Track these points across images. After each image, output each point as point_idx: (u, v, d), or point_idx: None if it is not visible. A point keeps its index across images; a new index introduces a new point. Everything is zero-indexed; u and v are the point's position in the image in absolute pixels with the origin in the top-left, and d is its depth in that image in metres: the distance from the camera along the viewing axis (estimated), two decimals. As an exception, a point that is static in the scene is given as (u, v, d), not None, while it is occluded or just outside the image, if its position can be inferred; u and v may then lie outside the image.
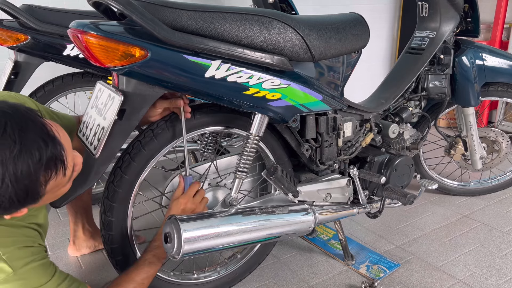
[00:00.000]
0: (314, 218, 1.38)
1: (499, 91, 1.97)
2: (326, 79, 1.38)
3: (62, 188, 0.93)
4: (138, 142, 1.20)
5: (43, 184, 0.84)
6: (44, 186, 0.85)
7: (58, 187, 0.91)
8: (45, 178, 0.84)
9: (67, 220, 2.04)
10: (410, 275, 1.61)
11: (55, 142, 0.85)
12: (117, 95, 1.04)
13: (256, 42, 1.13)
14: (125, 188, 1.19)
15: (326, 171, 1.54)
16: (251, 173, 1.50)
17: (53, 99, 1.92)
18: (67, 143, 0.90)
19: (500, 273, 1.61)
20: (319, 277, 1.62)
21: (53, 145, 0.84)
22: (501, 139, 2.06)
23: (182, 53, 1.03)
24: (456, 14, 1.81)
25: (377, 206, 1.57)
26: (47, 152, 0.83)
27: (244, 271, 1.54)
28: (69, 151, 0.90)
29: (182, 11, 1.04)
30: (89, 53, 0.98)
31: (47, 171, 0.84)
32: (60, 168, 0.87)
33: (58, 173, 0.86)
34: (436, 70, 1.83)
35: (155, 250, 1.19)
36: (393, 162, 1.56)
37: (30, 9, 1.71)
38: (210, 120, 1.28)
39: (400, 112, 1.76)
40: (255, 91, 1.17)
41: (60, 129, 0.90)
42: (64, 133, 0.90)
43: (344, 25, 1.35)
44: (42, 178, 0.84)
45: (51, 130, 0.86)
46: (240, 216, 1.23)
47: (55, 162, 0.85)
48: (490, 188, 2.23)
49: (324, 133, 1.44)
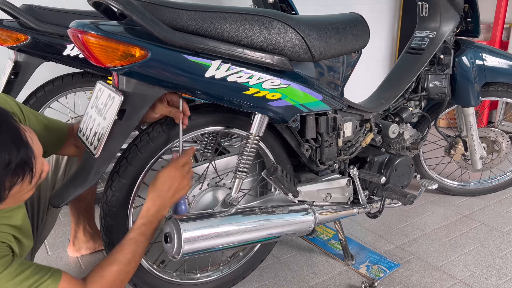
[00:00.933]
0: (314, 218, 1.38)
1: (499, 91, 1.97)
2: (326, 79, 1.38)
3: (24, 195, 0.90)
4: (134, 146, 1.19)
5: (7, 189, 0.81)
6: (8, 191, 0.82)
7: (21, 193, 0.88)
8: (10, 183, 0.81)
9: (67, 220, 2.04)
10: (410, 275, 1.61)
11: (26, 148, 0.82)
12: (117, 95, 1.04)
13: (256, 42, 1.13)
14: (124, 192, 1.19)
15: (326, 171, 1.54)
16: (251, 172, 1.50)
17: (53, 99, 1.92)
18: (38, 150, 0.87)
19: (500, 273, 1.61)
20: (319, 277, 1.62)
21: (24, 150, 0.82)
22: (501, 139, 2.06)
23: (182, 53, 1.03)
24: (456, 14, 1.81)
25: (377, 206, 1.57)
26: (17, 157, 0.80)
27: (247, 269, 1.54)
28: (38, 158, 0.87)
29: (182, 11, 1.03)
30: (89, 53, 0.97)
31: (13, 177, 0.81)
32: (28, 175, 0.84)
33: (24, 180, 0.83)
34: (436, 70, 1.83)
35: (140, 228, 1.12)
36: (393, 162, 1.56)
37: (30, 9, 1.71)
38: (210, 120, 1.28)
39: (400, 112, 1.76)
40: (255, 91, 1.17)
41: (33, 136, 0.87)
42: (36, 140, 0.88)
43: (344, 25, 1.35)
44: (7, 183, 0.81)
45: (24, 136, 0.83)
46: (240, 216, 1.24)
47: (24, 168, 0.82)
48: (490, 188, 2.23)
49: (324, 133, 1.44)
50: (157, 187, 1.15)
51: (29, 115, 1.13)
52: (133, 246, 1.09)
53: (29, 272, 0.91)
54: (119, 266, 1.05)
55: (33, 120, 1.14)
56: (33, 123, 1.13)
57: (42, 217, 1.36)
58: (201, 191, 1.36)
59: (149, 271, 1.32)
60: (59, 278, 0.95)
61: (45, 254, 1.78)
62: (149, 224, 1.13)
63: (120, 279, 1.05)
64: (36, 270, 0.93)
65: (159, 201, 1.14)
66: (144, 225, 1.12)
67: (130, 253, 1.08)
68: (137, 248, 1.09)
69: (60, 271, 0.97)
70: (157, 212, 1.14)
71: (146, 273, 1.32)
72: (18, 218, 1.04)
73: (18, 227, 1.03)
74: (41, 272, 0.93)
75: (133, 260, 1.08)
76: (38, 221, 1.36)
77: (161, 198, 1.14)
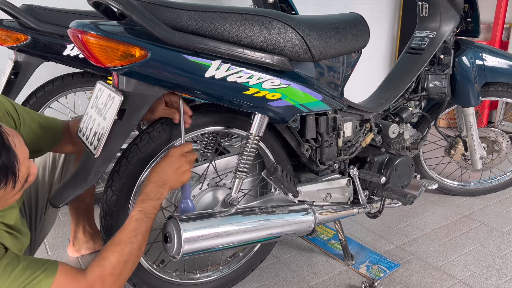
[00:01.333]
0: (314, 218, 1.38)
1: (499, 91, 1.97)
2: (326, 79, 1.38)
3: (10, 199, 0.88)
4: (135, 145, 1.19)
5: None
6: None
7: (6, 198, 0.86)
8: None
9: (67, 220, 2.04)
10: (410, 275, 1.61)
11: (9, 152, 0.80)
12: (117, 95, 1.04)
13: (256, 42, 1.13)
14: (124, 192, 1.19)
15: (326, 171, 1.54)
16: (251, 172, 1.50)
17: (53, 99, 1.92)
18: (22, 154, 0.85)
19: (500, 273, 1.61)
20: (319, 277, 1.62)
21: (6, 155, 0.79)
22: (501, 139, 2.06)
23: (182, 53, 1.03)
24: (456, 14, 1.81)
25: (377, 206, 1.57)
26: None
27: (247, 269, 1.54)
28: (23, 162, 0.85)
29: (182, 11, 1.03)
30: (89, 53, 0.97)
31: None
32: (10, 180, 0.82)
33: (7, 185, 0.81)
34: (436, 70, 1.83)
35: (140, 205, 1.06)
36: (393, 162, 1.56)
37: (30, 9, 1.71)
38: (210, 120, 1.28)
39: (400, 112, 1.76)
40: (255, 91, 1.17)
41: (18, 139, 0.85)
42: (22, 144, 0.85)
43: (344, 25, 1.35)
44: None
45: (7, 139, 0.81)
46: (240, 216, 1.24)
47: (6, 173, 0.80)
48: (490, 188, 2.23)
49: (324, 133, 1.44)
50: (157, 165, 1.12)
51: (23, 114, 1.12)
52: (134, 224, 1.03)
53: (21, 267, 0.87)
54: (120, 245, 0.99)
55: (27, 119, 1.13)
56: (27, 122, 1.13)
57: (40, 217, 1.36)
58: (201, 191, 1.36)
59: (149, 271, 1.32)
60: (54, 272, 0.90)
61: (45, 254, 1.78)
62: (147, 200, 1.07)
63: (123, 260, 0.99)
64: (28, 266, 0.88)
65: (156, 177, 1.10)
66: (142, 201, 1.07)
67: (132, 231, 1.02)
68: (138, 226, 1.03)
69: (56, 263, 0.92)
70: (155, 188, 1.09)
71: (145, 273, 1.31)
72: (11, 217, 1.02)
73: (12, 226, 1.02)
74: (35, 267, 0.89)
75: (135, 239, 1.02)
76: (36, 221, 1.36)
77: (159, 174, 1.10)
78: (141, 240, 1.04)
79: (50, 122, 1.22)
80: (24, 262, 0.89)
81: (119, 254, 0.99)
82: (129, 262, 1.01)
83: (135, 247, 1.02)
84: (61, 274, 0.90)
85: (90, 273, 0.95)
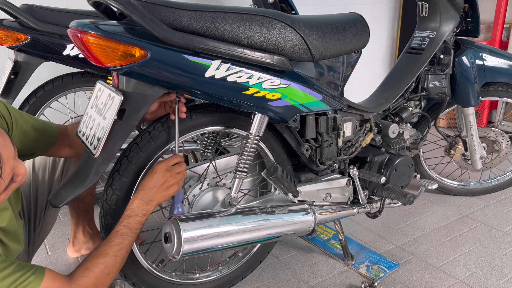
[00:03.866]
0: (314, 218, 1.39)
1: (499, 91, 1.97)
2: (326, 79, 1.38)
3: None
4: (135, 144, 1.19)
5: None
6: None
7: None
8: None
9: (67, 220, 2.04)
10: (410, 275, 1.61)
11: None
12: (117, 95, 1.04)
13: (256, 42, 1.13)
14: (124, 191, 1.19)
15: (326, 171, 1.54)
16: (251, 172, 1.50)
17: (53, 99, 1.92)
18: (6, 152, 0.83)
19: (500, 273, 1.61)
20: (319, 277, 1.62)
21: None
22: (501, 139, 2.06)
23: (182, 53, 1.03)
24: (456, 14, 1.81)
25: (377, 206, 1.57)
26: None
27: (246, 270, 1.54)
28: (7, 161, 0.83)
29: (182, 11, 1.03)
30: (89, 53, 0.97)
31: None
32: None
33: None
34: (436, 70, 1.83)
35: (126, 220, 1.11)
36: (393, 162, 1.56)
37: (30, 9, 1.71)
38: (210, 120, 1.28)
39: (400, 112, 1.76)
40: (255, 91, 1.17)
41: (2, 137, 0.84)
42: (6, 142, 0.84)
43: (344, 25, 1.35)
44: None
45: None
46: (240, 216, 1.24)
47: None
48: (490, 188, 2.23)
49: (324, 133, 1.44)
50: (144, 181, 1.15)
51: (16, 116, 1.12)
52: (119, 238, 1.08)
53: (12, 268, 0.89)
54: (104, 258, 1.04)
55: (20, 121, 1.13)
56: (20, 124, 1.13)
57: (40, 217, 1.36)
58: (201, 191, 1.36)
59: (149, 271, 1.32)
60: (42, 275, 0.93)
61: (45, 254, 1.78)
62: (133, 216, 1.11)
63: (106, 272, 1.03)
64: (19, 267, 0.91)
65: (142, 194, 1.13)
66: (128, 216, 1.11)
67: (116, 245, 1.06)
68: (123, 241, 1.08)
69: (43, 268, 0.95)
70: (141, 204, 1.12)
71: (145, 273, 1.31)
72: (3, 219, 1.02)
73: (2, 228, 1.01)
74: (24, 269, 0.91)
75: (119, 253, 1.06)
76: (35, 222, 1.35)
77: (145, 192, 1.13)
78: (124, 254, 1.08)
79: (44, 125, 1.21)
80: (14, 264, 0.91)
81: (103, 266, 1.03)
82: (111, 275, 1.06)
83: (119, 260, 1.07)
84: (48, 278, 0.94)
85: (75, 281, 0.98)
